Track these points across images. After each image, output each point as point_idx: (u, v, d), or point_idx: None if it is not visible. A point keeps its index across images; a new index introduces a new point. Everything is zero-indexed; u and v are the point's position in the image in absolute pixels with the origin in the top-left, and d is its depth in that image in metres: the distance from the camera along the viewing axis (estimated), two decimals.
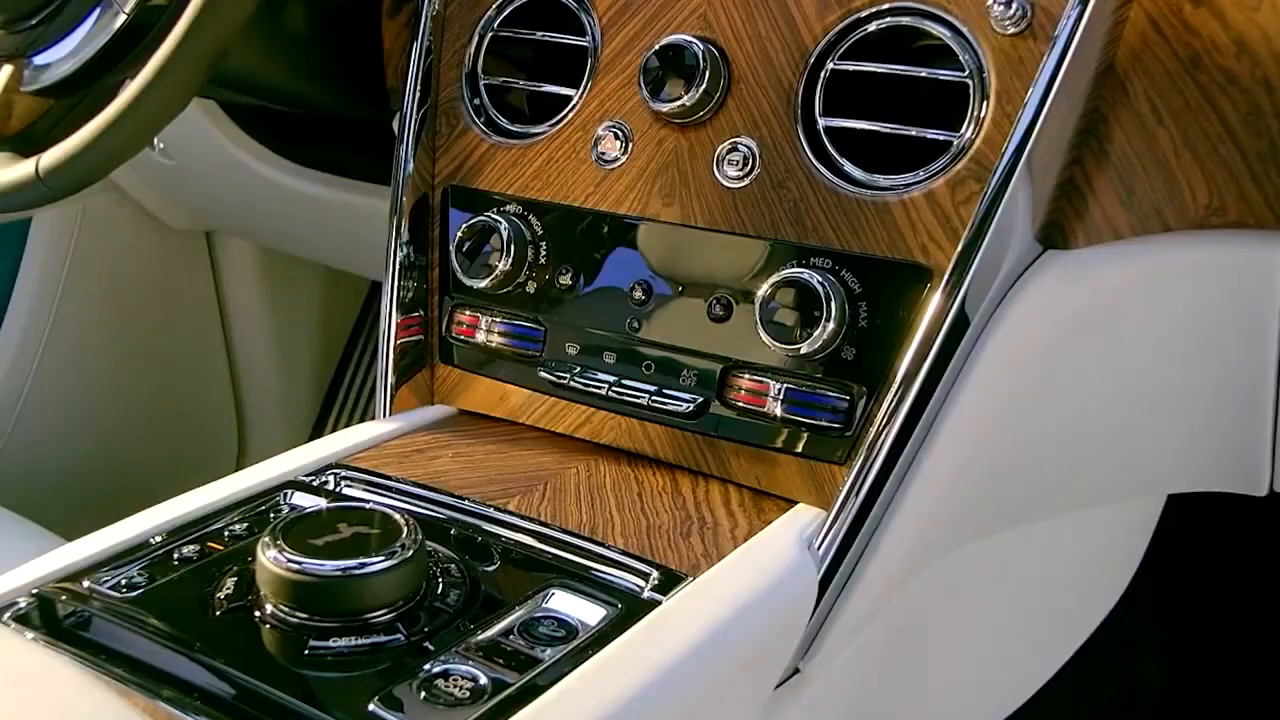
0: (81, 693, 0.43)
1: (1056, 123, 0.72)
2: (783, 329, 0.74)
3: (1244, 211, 0.75)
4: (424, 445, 0.82)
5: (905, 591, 0.81)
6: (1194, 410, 0.88)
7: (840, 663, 0.76)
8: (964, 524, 0.82)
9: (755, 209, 0.77)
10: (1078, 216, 0.76)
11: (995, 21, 0.72)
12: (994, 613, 0.96)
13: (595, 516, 0.74)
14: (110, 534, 0.67)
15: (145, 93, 0.78)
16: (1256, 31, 0.71)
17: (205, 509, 0.71)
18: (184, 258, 1.64)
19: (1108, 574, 1.07)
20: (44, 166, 0.82)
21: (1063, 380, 0.81)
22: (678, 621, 0.65)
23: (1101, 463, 0.90)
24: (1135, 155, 0.75)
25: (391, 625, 0.60)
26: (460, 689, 0.57)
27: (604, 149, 0.82)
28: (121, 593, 0.63)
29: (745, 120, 0.78)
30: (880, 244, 0.73)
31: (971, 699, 0.97)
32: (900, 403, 0.72)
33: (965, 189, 0.71)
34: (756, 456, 0.78)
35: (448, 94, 0.88)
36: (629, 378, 0.82)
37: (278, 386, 1.77)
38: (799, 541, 0.72)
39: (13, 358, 1.48)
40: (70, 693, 0.43)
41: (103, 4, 0.85)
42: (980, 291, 0.72)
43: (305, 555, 0.60)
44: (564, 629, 0.64)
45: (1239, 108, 0.73)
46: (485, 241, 0.84)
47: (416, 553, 0.62)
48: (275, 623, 0.60)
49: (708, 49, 0.78)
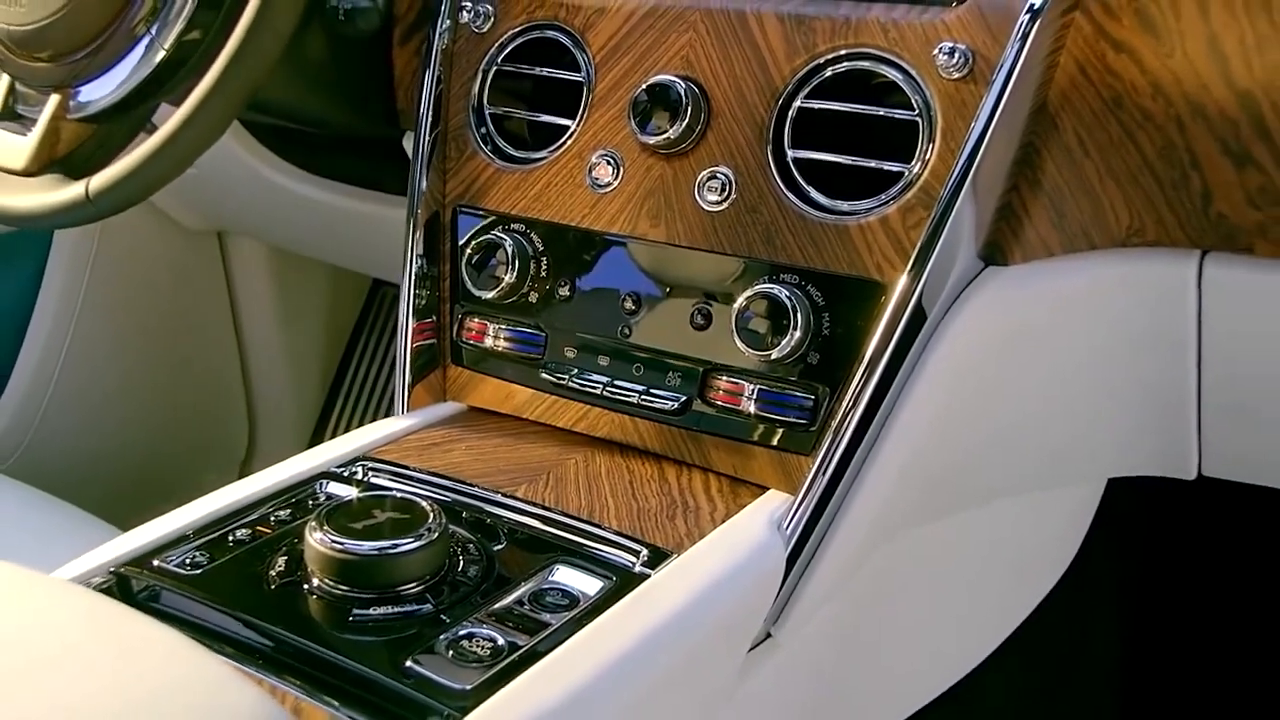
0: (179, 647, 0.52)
1: (995, 156, 0.78)
2: (756, 336, 0.80)
3: (1160, 232, 0.81)
4: (440, 439, 0.88)
5: (866, 567, 0.87)
6: (1126, 406, 0.94)
7: (807, 630, 0.83)
8: (917, 507, 0.89)
9: (732, 230, 0.83)
10: (1015, 237, 0.82)
11: (941, 68, 0.78)
12: (948, 586, 1.02)
13: (593, 501, 0.81)
14: (172, 519, 0.75)
15: (187, 124, 0.85)
16: (1170, 76, 0.77)
17: (252, 497, 0.78)
18: (198, 256, 1.69)
19: (1053, 550, 1.13)
20: (94, 189, 0.89)
21: (1004, 381, 0.88)
22: (664, 592, 0.71)
23: (1043, 453, 0.96)
24: (1065, 184, 0.81)
25: (421, 596, 0.68)
26: (482, 648, 0.65)
27: (597, 175, 0.88)
28: (187, 570, 0.71)
29: (723, 151, 0.84)
30: (841, 262, 0.80)
31: (927, 663, 1.03)
32: (858, 401, 0.78)
33: (915, 215, 0.78)
34: (733, 448, 0.83)
35: (456, 122, 0.94)
36: (621, 378, 0.87)
37: (286, 377, 1.81)
38: (769, 523, 0.78)
39: (41, 350, 1.53)
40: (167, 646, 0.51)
41: (143, 40, 0.91)
42: (928, 304, 0.79)
43: (347, 537, 0.67)
44: (567, 598, 0.71)
45: (1155, 142, 0.79)
46: (492, 256, 0.90)
47: (440, 535, 0.69)
48: (322, 594, 0.68)
49: (689, 87, 0.84)
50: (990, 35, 0.77)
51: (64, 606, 0.53)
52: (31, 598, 0.55)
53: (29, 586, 0.56)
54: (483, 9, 0.94)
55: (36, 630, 0.51)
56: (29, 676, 0.48)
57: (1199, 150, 0.78)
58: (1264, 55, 0.74)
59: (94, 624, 0.52)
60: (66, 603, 0.54)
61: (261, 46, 0.84)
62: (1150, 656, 1.43)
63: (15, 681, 0.48)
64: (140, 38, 0.91)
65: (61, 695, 0.47)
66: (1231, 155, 0.77)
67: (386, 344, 1.89)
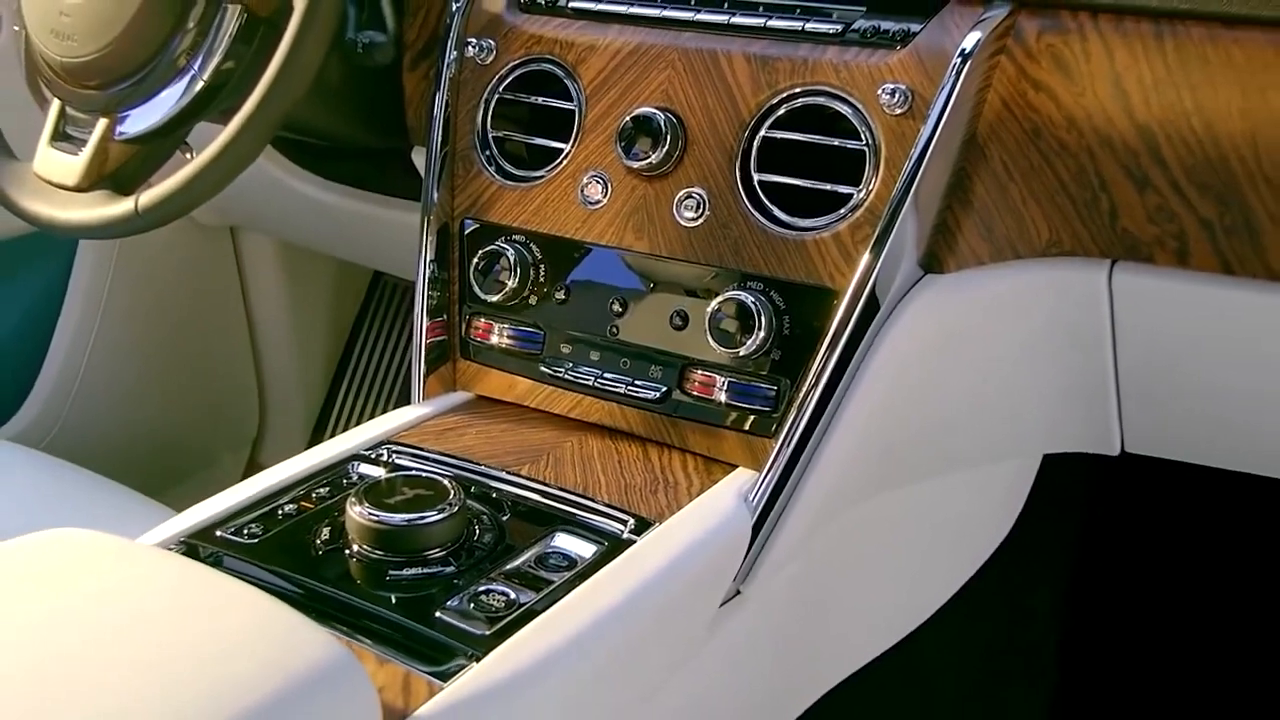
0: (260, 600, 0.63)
1: (931, 180, 0.85)
2: (726, 335, 0.87)
3: (1075, 245, 0.87)
4: (453, 425, 0.95)
5: (823, 533, 0.92)
6: (1053, 392, 0.99)
7: (771, 587, 0.89)
8: (867, 481, 0.95)
9: (705, 243, 0.90)
10: (949, 249, 0.88)
11: (884, 105, 0.85)
12: (897, 550, 1.08)
13: (586, 478, 0.87)
14: (226, 497, 0.83)
15: (227, 149, 0.91)
16: (1082, 111, 0.83)
17: (295, 477, 0.85)
18: (213, 251, 1.74)
19: (994, 518, 1.18)
20: (142, 204, 0.94)
21: (943, 371, 0.94)
22: (648, 555, 0.79)
23: (980, 433, 1.03)
24: (992, 203, 0.87)
25: (445, 559, 0.76)
26: (496, 602, 0.74)
27: (588, 193, 0.94)
28: (245, 540, 0.79)
29: (698, 174, 0.90)
30: (799, 272, 0.87)
31: (880, 619, 1.10)
32: (814, 391, 0.85)
33: (862, 231, 0.85)
34: (707, 432, 0.90)
35: (463, 144, 1.00)
36: (610, 371, 0.93)
37: (293, 361, 1.86)
38: (738, 496, 0.85)
39: (71, 340, 1.59)
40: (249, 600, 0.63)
41: (184, 71, 0.97)
42: (874, 307, 0.85)
43: (382, 511, 0.76)
44: (566, 560, 0.79)
45: (1069, 168, 0.85)
46: (495, 264, 0.96)
47: (460, 508, 0.77)
48: (361, 559, 0.77)
49: (668, 118, 0.90)
50: (927, 76, 0.84)
51: (161, 570, 0.63)
52: (130, 564, 0.65)
53: (124, 554, 0.66)
54: (485, 44, 1.00)
55: (142, 589, 0.60)
56: (144, 627, 0.57)
57: (1106, 175, 0.84)
58: (1160, 94, 0.81)
59: (188, 583, 0.62)
60: (162, 567, 0.64)
61: (291, 81, 0.90)
62: (1087, 612, 1.49)
63: (131, 632, 0.58)
64: (182, 69, 0.97)
65: (172, 641, 0.57)
66: (1134, 179, 0.83)
67: (387, 331, 1.92)
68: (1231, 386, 0.95)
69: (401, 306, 1.95)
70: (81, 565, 0.64)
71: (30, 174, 1.04)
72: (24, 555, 0.64)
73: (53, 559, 0.64)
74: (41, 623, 0.58)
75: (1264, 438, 0.99)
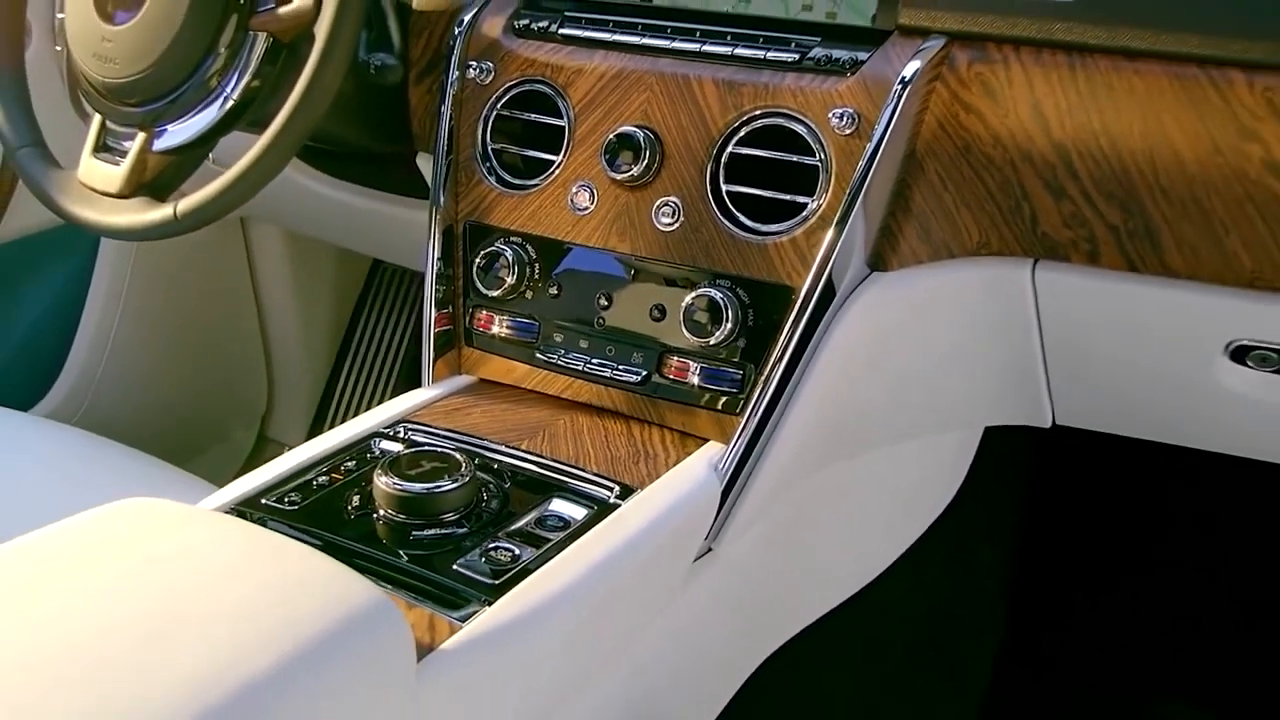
0: (311, 556, 0.73)
1: (876, 191, 0.92)
2: (699, 326, 0.94)
3: (1002, 246, 0.94)
4: (460, 405, 1.02)
5: (785, 497, 1.00)
6: (989, 372, 1.08)
7: (740, 545, 0.96)
8: (823, 452, 1.03)
9: (680, 246, 0.97)
10: (893, 250, 0.95)
11: (835, 128, 0.92)
12: (852, 512, 1.17)
13: (577, 451, 0.94)
14: (266, 471, 0.92)
15: (257, 161, 0.98)
16: (1006, 130, 0.90)
17: (325, 452, 0.93)
18: (224, 240, 1.80)
19: (941, 483, 1.26)
20: (181, 210, 1.01)
21: (889, 356, 1.02)
22: (631, 517, 0.86)
23: (925, 409, 1.12)
24: (929, 210, 0.94)
25: (459, 522, 0.84)
26: (504, 556, 0.82)
27: (577, 201, 1.01)
28: (286, 506, 0.87)
29: (673, 185, 0.97)
30: (762, 271, 0.94)
31: (837, 573, 1.19)
32: (774, 374, 0.92)
33: (816, 236, 0.92)
34: (682, 410, 0.97)
35: (465, 155, 1.07)
36: (597, 357, 0.99)
37: (299, 343, 1.92)
38: (709, 465, 0.92)
39: (96, 325, 1.66)
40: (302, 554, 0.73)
41: (216, 90, 1.05)
42: (826, 301, 0.92)
43: (405, 480, 0.84)
44: (561, 522, 0.85)
45: (995, 180, 0.92)
46: (495, 262, 1.02)
47: (471, 478, 0.85)
48: (387, 522, 0.84)
49: (648, 135, 0.97)
50: (871, 101, 0.91)
51: (227, 531, 0.73)
52: (200, 527, 0.74)
53: (192, 519, 0.75)
54: (485, 66, 1.08)
55: (214, 548, 0.70)
56: (220, 578, 0.67)
57: (1028, 186, 0.91)
58: (1073, 117, 0.88)
59: (251, 542, 0.73)
60: (228, 529, 0.74)
61: (314, 102, 0.97)
62: (1030, 566, 1.57)
63: (211, 582, 0.67)
64: (214, 90, 1.04)
65: (243, 589, 0.66)
66: (1051, 190, 0.90)
67: (386, 314, 1.97)
68: (1139, 367, 1.04)
69: (399, 292, 1.99)
70: (158, 529, 0.73)
71: (75, 182, 1.11)
72: (109, 522, 0.73)
73: (133, 524, 0.73)
74: (134, 578, 0.68)
75: (1167, 410, 1.09)
